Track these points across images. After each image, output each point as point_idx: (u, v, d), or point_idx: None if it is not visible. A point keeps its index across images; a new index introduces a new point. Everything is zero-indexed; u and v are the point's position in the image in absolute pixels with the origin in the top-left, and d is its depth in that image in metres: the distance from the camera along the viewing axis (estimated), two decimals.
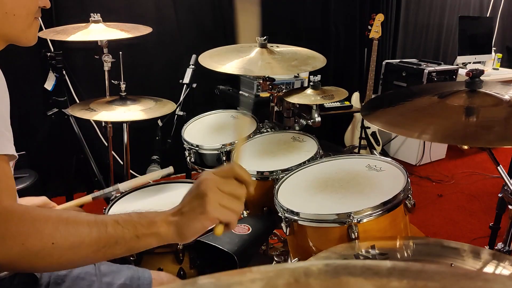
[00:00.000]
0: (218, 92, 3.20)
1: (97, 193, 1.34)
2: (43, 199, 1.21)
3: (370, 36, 3.21)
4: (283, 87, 2.39)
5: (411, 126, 1.14)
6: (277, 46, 1.89)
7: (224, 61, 1.75)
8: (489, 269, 0.96)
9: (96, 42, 2.03)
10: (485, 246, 1.78)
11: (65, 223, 0.70)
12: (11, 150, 0.77)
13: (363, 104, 3.43)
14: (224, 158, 1.71)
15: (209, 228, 0.75)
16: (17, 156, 0.83)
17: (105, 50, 2.07)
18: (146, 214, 0.75)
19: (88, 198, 1.33)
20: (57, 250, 0.68)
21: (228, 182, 0.75)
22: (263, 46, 1.81)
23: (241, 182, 0.76)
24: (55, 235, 0.68)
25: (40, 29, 2.04)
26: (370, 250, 1.03)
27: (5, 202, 0.71)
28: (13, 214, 0.69)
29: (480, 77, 1.21)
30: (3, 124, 0.77)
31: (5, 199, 0.71)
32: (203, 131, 1.93)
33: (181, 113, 2.48)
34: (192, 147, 1.79)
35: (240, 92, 3.07)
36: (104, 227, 0.70)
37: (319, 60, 1.81)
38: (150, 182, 1.56)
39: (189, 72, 2.50)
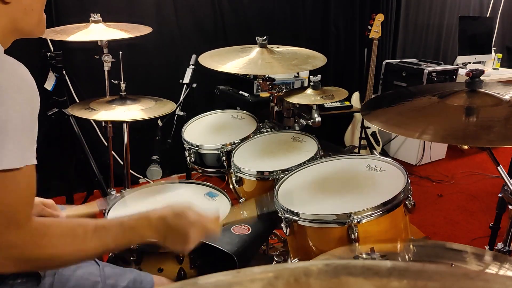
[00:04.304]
0: (218, 92, 3.20)
1: (103, 204, 1.37)
2: (50, 202, 1.24)
3: (370, 36, 3.21)
4: (283, 87, 2.39)
5: (411, 126, 1.14)
6: (277, 47, 1.89)
7: (224, 60, 1.75)
8: (490, 271, 0.96)
9: (96, 42, 2.03)
10: (485, 246, 1.78)
11: (76, 243, 0.82)
12: (34, 159, 0.83)
13: (363, 104, 3.43)
14: (224, 158, 1.71)
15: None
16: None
17: (105, 50, 2.07)
18: (136, 229, 0.89)
19: (95, 207, 1.37)
20: (64, 262, 0.86)
21: (205, 227, 0.94)
22: (263, 46, 1.81)
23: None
24: (64, 253, 0.81)
25: None
26: (370, 253, 1.03)
27: (35, 218, 0.80)
28: (48, 228, 0.81)
29: (480, 77, 1.21)
30: (31, 132, 0.82)
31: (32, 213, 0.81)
32: (203, 131, 1.93)
33: (181, 113, 2.48)
34: (192, 147, 1.79)
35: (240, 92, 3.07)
36: (107, 244, 0.85)
37: (319, 59, 1.81)
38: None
39: (189, 72, 2.50)
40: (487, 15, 4.72)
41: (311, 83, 1.93)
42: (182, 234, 0.90)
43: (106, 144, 2.47)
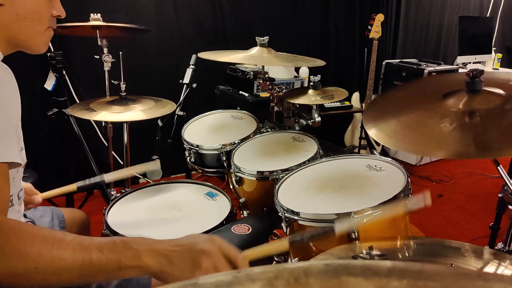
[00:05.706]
0: (218, 92, 3.20)
1: (81, 183, 1.35)
2: (27, 185, 1.22)
3: (370, 36, 3.21)
4: (283, 87, 2.39)
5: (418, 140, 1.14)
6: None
7: (224, 55, 1.76)
8: (489, 269, 0.96)
9: (96, 42, 2.04)
10: (485, 246, 1.78)
11: (50, 248, 0.69)
12: (11, 157, 0.75)
13: (363, 108, 3.43)
14: (224, 158, 1.71)
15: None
16: (21, 163, 0.82)
17: (105, 50, 2.07)
18: (132, 243, 0.72)
19: (73, 187, 1.35)
20: (40, 274, 0.68)
21: (223, 262, 0.76)
22: (263, 46, 1.81)
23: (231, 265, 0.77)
24: (38, 261, 0.67)
25: None
26: (368, 251, 1.03)
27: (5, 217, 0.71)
28: (21, 225, 0.70)
29: (480, 77, 1.21)
30: (7, 128, 0.76)
31: None
32: (203, 131, 1.93)
33: (181, 113, 2.49)
34: (192, 147, 1.79)
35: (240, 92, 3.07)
36: (89, 255, 0.70)
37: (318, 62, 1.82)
38: (134, 175, 1.52)
39: (189, 72, 2.50)
40: (487, 15, 4.73)
41: (311, 83, 1.93)
42: (193, 258, 0.73)
43: (106, 144, 2.48)
